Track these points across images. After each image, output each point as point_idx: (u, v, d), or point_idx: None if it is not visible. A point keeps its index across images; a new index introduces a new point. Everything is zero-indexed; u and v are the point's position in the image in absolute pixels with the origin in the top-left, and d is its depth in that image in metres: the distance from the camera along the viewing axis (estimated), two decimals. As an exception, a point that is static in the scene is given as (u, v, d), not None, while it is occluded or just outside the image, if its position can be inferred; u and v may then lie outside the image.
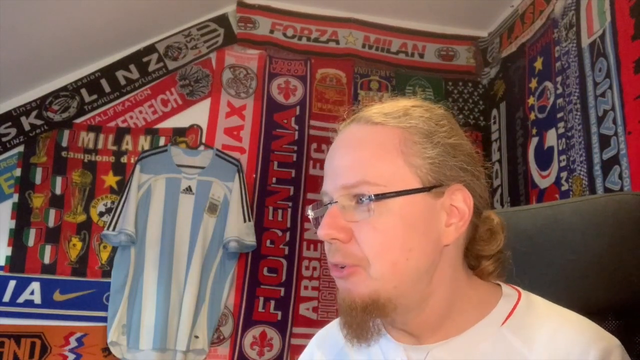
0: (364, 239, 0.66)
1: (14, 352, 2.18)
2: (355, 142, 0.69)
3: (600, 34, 1.80)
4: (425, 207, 0.66)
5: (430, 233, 0.67)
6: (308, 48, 2.65)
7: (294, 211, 2.47)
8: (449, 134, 0.69)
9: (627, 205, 0.76)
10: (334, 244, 0.67)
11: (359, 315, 0.66)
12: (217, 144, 2.47)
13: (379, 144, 0.67)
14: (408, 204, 0.65)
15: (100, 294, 2.28)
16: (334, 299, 2.40)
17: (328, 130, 2.58)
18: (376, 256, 0.65)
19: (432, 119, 0.69)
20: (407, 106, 0.71)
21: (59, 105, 2.41)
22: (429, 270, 0.67)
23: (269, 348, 2.33)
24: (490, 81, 2.68)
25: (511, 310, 0.69)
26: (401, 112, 0.69)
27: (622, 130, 1.65)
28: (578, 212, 0.81)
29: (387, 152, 0.67)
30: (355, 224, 0.66)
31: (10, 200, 2.30)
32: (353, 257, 0.66)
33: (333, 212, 0.67)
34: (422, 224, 0.66)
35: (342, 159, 0.69)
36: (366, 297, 0.66)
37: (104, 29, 2.32)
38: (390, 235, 0.65)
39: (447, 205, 0.68)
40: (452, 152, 0.68)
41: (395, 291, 0.66)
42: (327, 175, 0.71)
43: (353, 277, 0.67)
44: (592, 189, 1.78)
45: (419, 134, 0.68)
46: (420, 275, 0.67)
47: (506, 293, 0.71)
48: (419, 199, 0.66)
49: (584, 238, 0.79)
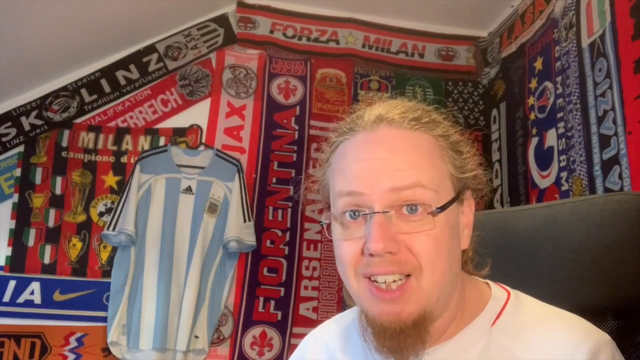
0: (420, 247, 0.63)
1: (14, 352, 2.18)
2: (400, 143, 0.66)
3: (600, 34, 1.80)
4: (456, 214, 0.68)
5: (458, 239, 0.69)
6: (308, 48, 2.65)
7: (294, 211, 2.46)
8: (468, 143, 0.71)
9: (627, 205, 0.76)
10: (385, 256, 0.62)
11: (411, 336, 0.63)
12: (217, 144, 2.47)
13: (423, 147, 0.66)
14: (451, 211, 0.66)
15: (100, 294, 2.28)
16: (334, 299, 2.41)
17: (328, 130, 2.58)
18: (431, 264, 0.63)
19: (453, 127, 0.71)
20: (427, 110, 0.71)
21: (59, 105, 2.41)
22: (458, 277, 0.69)
23: (269, 348, 2.33)
24: (490, 81, 2.68)
25: (500, 311, 0.69)
26: (428, 118, 0.69)
27: (622, 130, 1.65)
28: (578, 212, 0.81)
29: (433, 157, 0.66)
30: (405, 234, 0.63)
31: (10, 200, 2.30)
32: (409, 266, 0.63)
33: (382, 222, 0.62)
34: (456, 230, 0.68)
35: (388, 160, 0.64)
36: (416, 316, 0.63)
37: (104, 29, 2.32)
38: (442, 242, 0.64)
39: (460, 211, 0.70)
40: (470, 161, 0.70)
41: (437, 303, 0.65)
42: (363, 177, 0.65)
43: (405, 295, 0.63)
44: (592, 189, 1.78)
45: (450, 143, 0.69)
46: (454, 282, 0.68)
47: (495, 293, 0.72)
48: (454, 206, 0.67)
49: (583, 238, 0.79)
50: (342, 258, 0.67)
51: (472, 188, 0.71)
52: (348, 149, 0.69)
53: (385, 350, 0.64)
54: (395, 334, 0.63)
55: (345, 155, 0.68)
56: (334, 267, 2.42)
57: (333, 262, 2.44)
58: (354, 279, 0.66)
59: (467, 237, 0.71)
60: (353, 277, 0.66)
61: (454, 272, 0.67)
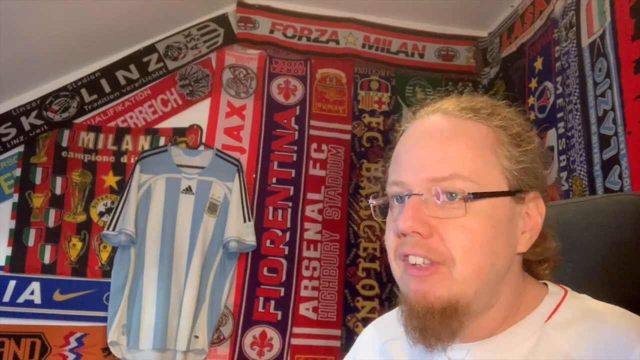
0: (453, 237, 0.63)
1: (14, 352, 2.18)
2: (444, 133, 0.66)
3: (600, 34, 1.80)
4: (510, 211, 0.65)
5: (511, 239, 0.66)
6: (308, 48, 2.65)
7: (294, 211, 2.46)
8: (533, 139, 0.68)
9: (629, 206, 0.76)
10: (414, 237, 0.63)
11: (437, 320, 0.63)
12: (217, 144, 2.47)
13: (472, 138, 0.65)
14: (498, 206, 0.64)
15: (100, 294, 2.28)
16: (334, 299, 2.41)
17: (328, 130, 2.58)
18: (464, 256, 0.62)
19: (518, 122, 0.68)
20: (493, 104, 0.69)
21: (59, 105, 2.40)
22: (504, 276, 0.66)
23: (269, 348, 2.33)
24: (490, 81, 2.68)
25: (555, 308, 0.67)
26: (490, 110, 0.67)
27: (622, 130, 1.65)
28: (580, 213, 0.81)
29: (481, 149, 0.64)
30: (439, 220, 0.63)
31: (10, 200, 2.30)
32: (438, 254, 0.63)
33: (416, 204, 0.63)
34: (506, 228, 0.65)
35: (431, 150, 0.65)
36: (445, 301, 0.63)
37: (104, 29, 2.32)
38: (479, 236, 0.63)
39: (523, 213, 0.67)
40: (535, 159, 0.67)
41: (474, 297, 0.63)
42: (407, 167, 0.67)
43: (434, 276, 0.63)
44: (592, 189, 1.78)
45: (509, 136, 0.66)
46: (498, 281, 0.65)
47: (552, 291, 0.70)
48: (505, 202, 0.65)
49: (586, 238, 0.79)
50: (385, 241, 0.69)
51: (540, 189, 0.67)
52: (403, 138, 0.71)
53: (411, 330, 0.65)
54: (421, 314, 0.63)
55: (400, 144, 0.71)
56: (334, 267, 2.43)
57: (333, 262, 2.46)
58: (393, 261, 0.68)
59: (527, 241, 0.66)
60: (393, 259, 0.68)
61: (498, 271, 0.64)
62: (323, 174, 2.52)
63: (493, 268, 0.64)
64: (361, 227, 2.50)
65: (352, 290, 2.43)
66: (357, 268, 2.45)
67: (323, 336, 2.37)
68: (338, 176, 2.53)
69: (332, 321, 2.38)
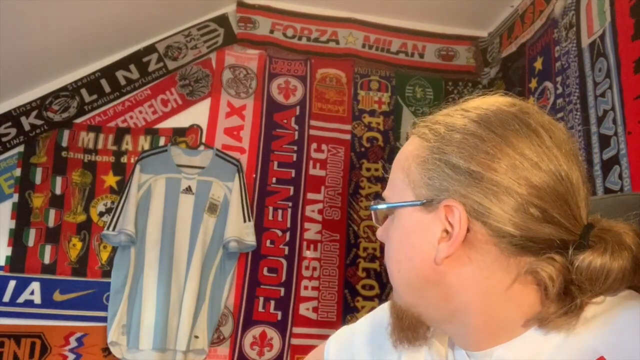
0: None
1: (14, 352, 2.18)
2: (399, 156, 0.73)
3: (600, 34, 1.80)
4: (417, 221, 0.65)
5: (420, 247, 0.65)
6: (308, 48, 2.65)
7: (294, 211, 2.46)
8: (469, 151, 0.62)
9: (635, 207, 0.76)
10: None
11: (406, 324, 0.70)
12: (217, 144, 2.47)
13: (405, 157, 0.70)
14: (405, 217, 0.67)
15: (100, 294, 2.28)
16: (334, 298, 2.41)
17: (328, 130, 2.58)
18: (386, 264, 0.71)
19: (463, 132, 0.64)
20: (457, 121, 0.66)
21: (59, 105, 2.40)
22: (423, 286, 0.65)
23: (269, 348, 2.33)
24: (490, 81, 2.68)
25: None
26: (441, 130, 0.66)
27: (622, 130, 1.65)
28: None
29: (398, 164, 0.70)
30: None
31: (10, 200, 2.30)
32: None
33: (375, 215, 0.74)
34: (413, 237, 0.66)
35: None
36: (400, 309, 0.71)
37: (104, 29, 2.32)
38: (390, 245, 0.69)
39: (444, 222, 0.63)
40: (452, 169, 0.63)
41: (401, 301, 0.70)
42: None
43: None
44: (592, 190, 1.78)
45: (426, 150, 0.66)
46: (412, 289, 0.67)
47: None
48: (410, 212, 0.66)
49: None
50: None
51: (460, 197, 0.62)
52: None
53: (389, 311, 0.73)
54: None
55: None
56: (334, 267, 2.43)
57: (333, 262, 2.46)
58: None
59: (443, 250, 0.62)
60: None
61: (411, 280, 0.66)
62: (323, 174, 2.52)
63: (400, 275, 0.68)
64: (361, 227, 2.50)
65: (352, 290, 2.43)
66: (357, 268, 2.45)
67: (323, 336, 2.35)
68: (338, 176, 2.53)
69: (332, 321, 2.38)
